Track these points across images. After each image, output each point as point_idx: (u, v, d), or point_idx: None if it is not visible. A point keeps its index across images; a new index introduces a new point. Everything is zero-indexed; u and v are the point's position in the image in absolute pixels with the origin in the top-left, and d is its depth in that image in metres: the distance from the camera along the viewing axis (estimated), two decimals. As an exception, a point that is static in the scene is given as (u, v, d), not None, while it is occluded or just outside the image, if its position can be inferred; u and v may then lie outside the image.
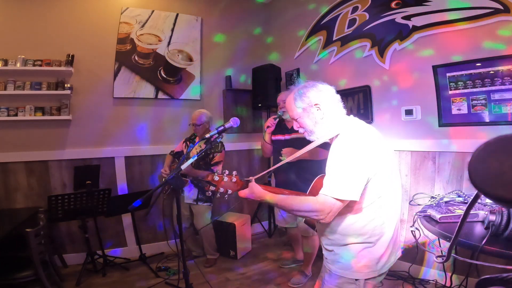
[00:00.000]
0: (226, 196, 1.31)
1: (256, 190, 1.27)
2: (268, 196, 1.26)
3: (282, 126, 2.64)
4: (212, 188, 1.30)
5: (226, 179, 1.29)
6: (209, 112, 3.00)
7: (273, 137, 2.67)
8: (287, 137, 2.58)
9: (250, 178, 1.32)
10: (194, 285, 2.19)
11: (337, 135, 1.25)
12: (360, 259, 1.21)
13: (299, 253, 2.98)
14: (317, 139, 1.32)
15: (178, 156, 3.10)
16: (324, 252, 1.35)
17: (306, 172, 2.43)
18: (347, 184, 1.12)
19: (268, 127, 2.60)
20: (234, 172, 1.32)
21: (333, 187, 1.14)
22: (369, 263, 1.21)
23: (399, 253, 1.35)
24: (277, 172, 2.56)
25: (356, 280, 1.22)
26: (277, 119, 2.60)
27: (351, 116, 1.33)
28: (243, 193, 1.29)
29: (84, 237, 2.79)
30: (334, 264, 1.27)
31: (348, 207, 1.19)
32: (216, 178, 1.29)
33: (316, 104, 1.27)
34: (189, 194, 2.95)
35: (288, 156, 2.38)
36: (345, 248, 1.24)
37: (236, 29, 3.99)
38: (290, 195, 1.31)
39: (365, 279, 1.21)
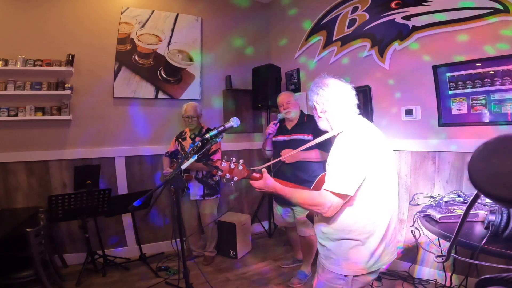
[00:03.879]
0: (232, 182, 1.38)
1: (269, 183, 1.34)
2: (278, 187, 1.34)
3: (283, 127, 2.66)
4: (219, 173, 1.35)
5: (233, 166, 1.35)
6: (210, 112, 3.00)
7: (274, 138, 2.69)
8: (286, 138, 2.60)
9: (259, 167, 1.40)
10: (194, 285, 2.20)
11: (339, 133, 1.32)
12: (349, 256, 1.26)
13: (299, 253, 2.98)
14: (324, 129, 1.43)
15: (174, 156, 3.11)
16: (318, 247, 1.41)
17: (304, 174, 2.45)
18: (343, 179, 1.18)
19: (269, 133, 2.60)
20: (241, 161, 1.38)
21: (331, 182, 1.21)
22: (358, 260, 1.25)
23: (395, 254, 1.37)
24: (277, 173, 2.57)
25: (345, 276, 1.26)
26: (278, 124, 2.60)
27: (360, 116, 1.38)
28: (257, 184, 1.36)
29: (84, 237, 2.79)
30: (326, 259, 1.34)
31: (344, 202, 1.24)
32: (224, 164, 1.35)
33: (327, 100, 1.35)
34: (195, 190, 2.96)
35: (286, 158, 2.41)
36: (336, 244, 1.29)
37: (236, 29, 3.99)
38: (297, 188, 1.38)
39: (354, 276, 1.26)
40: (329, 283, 1.31)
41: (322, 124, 1.42)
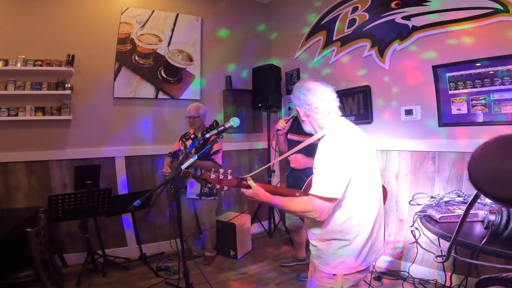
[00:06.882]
0: (223, 192, 1.41)
1: (260, 194, 1.36)
2: (269, 198, 1.36)
3: (299, 126, 2.54)
4: (208, 185, 1.39)
5: (221, 177, 1.38)
6: (210, 112, 3.00)
7: (289, 136, 2.59)
8: (301, 138, 2.44)
9: (246, 176, 1.41)
10: (194, 285, 2.20)
11: (323, 136, 1.34)
12: (338, 255, 1.29)
13: (299, 253, 2.98)
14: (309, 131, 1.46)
15: (177, 156, 3.11)
16: (310, 247, 1.44)
17: None
18: (330, 183, 1.21)
19: (278, 130, 2.44)
20: (229, 171, 1.41)
21: (318, 186, 1.22)
22: (346, 260, 1.28)
23: (381, 253, 1.41)
24: (288, 178, 2.57)
25: (334, 275, 1.30)
26: (289, 121, 2.47)
27: (343, 118, 1.41)
28: (248, 192, 1.38)
29: (84, 237, 2.79)
30: (317, 259, 1.37)
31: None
32: (213, 176, 1.38)
33: (309, 105, 1.38)
34: (192, 188, 2.96)
35: (296, 165, 2.41)
36: (326, 244, 1.32)
37: (236, 29, 3.99)
38: (286, 194, 1.40)
39: (343, 275, 1.29)
40: (319, 282, 1.34)
41: (306, 128, 1.45)
